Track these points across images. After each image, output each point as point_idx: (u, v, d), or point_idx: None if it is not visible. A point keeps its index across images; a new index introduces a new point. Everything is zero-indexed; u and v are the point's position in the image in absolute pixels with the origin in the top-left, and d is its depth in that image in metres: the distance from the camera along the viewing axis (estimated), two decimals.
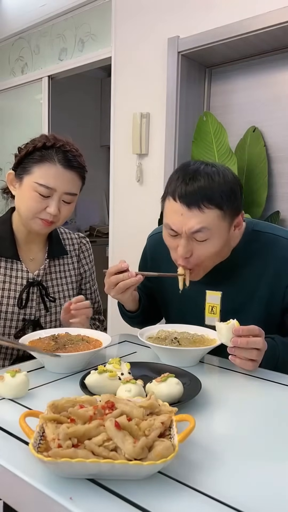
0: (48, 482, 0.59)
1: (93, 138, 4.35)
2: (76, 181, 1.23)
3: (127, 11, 2.67)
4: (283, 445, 0.72)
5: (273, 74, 2.35)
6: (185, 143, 2.50)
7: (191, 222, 1.04)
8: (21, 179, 1.22)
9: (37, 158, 1.19)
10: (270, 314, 1.17)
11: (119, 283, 1.14)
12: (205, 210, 1.04)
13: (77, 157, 1.23)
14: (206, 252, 1.08)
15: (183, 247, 1.07)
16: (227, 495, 0.58)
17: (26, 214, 1.21)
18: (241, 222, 1.13)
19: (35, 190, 1.18)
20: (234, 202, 1.07)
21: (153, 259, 1.35)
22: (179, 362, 1.01)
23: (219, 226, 1.06)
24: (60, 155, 1.20)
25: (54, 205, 1.19)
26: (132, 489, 0.58)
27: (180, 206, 1.05)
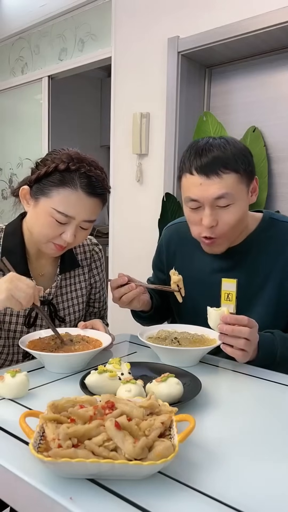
0: (48, 482, 0.59)
1: (93, 138, 4.34)
2: (97, 207, 1.14)
3: (127, 11, 2.67)
4: (283, 445, 0.72)
5: (273, 74, 2.35)
6: (185, 143, 2.50)
7: (212, 189, 1.07)
8: (37, 200, 1.11)
9: (57, 182, 1.08)
10: (281, 303, 1.18)
11: (122, 297, 1.16)
12: (223, 175, 1.07)
13: (102, 182, 1.12)
14: (232, 218, 1.10)
15: (208, 216, 1.09)
16: (227, 495, 0.58)
17: (39, 237, 1.13)
18: (256, 188, 1.17)
19: (52, 216, 1.08)
20: (248, 166, 1.11)
21: (169, 250, 1.37)
22: (179, 362, 1.01)
23: (239, 190, 1.09)
24: (83, 180, 1.08)
25: (70, 233, 1.10)
26: (132, 489, 0.58)
27: (199, 177, 1.08)
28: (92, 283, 1.36)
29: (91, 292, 1.38)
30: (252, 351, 1.01)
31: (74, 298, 1.30)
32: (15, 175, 3.72)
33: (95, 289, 1.38)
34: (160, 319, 1.38)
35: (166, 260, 1.38)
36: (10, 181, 3.79)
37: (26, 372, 0.88)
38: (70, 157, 1.09)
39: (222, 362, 1.08)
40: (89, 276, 1.35)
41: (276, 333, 1.09)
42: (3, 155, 3.82)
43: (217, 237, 1.13)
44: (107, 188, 1.15)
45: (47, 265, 1.25)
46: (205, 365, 1.07)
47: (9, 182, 3.80)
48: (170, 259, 1.35)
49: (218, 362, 1.09)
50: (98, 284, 1.38)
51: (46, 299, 1.22)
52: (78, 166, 1.08)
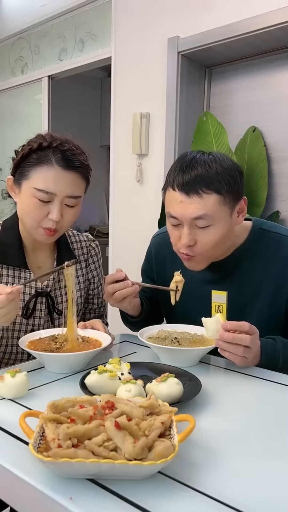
0: (48, 482, 0.59)
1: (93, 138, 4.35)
2: (78, 182, 1.14)
3: (127, 11, 2.67)
4: (283, 445, 0.72)
5: (273, 74, 2.35)
6: (185, 143, 2.50)
7: (192, 208, 1.05)
8: (19, 184, 1.13)
9: (33, 162, 1.10)
10: (274, 313, 1.17)
11: (116, 292, 1.14)
12: (203, 195, 1.04)
13: (78, 156, 1.13)
14: (210, 239, 1.08)
15: (186, 235, 1.08)
16: (227, 495, 0.58)
17: (29, 224, 1.14)
18: (244, 209, 1.14)
19: (34, 196, 1.09)
20: (234, 186, 1.07)
21: (158, 259, 1.35)
22: (179, 362, 1.01)
23: (220, 211, 1.06)
24: (58, 155, 1.10)
25: (56, 211, 1.10)
26: (132, 489, 0.58)
27: (179, 194, 1.06)
28: (90, 278, 1.37)
29: (89, 287, 1.38)
30: (252, 357, 1.00)
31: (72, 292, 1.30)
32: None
33: (93, 285, 1.38)
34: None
35: (156, 269, 1.36)
36: None
37: (26, 372, 0.88)
38: (42, 137, 1.13)
39: (222, 362, 1.08)
40: (87, 271, 1.36)
41: (278, 339, 1.08)
42: (3, 155, 3.81)
43: (195, 255, 1.11)
44: (85, 163, 1.15)
45: (44, 258, 1.26)
46: (205, 365, 1.07)
47: None
48: (160, 268, 1.34)
49: (218, 362, 1.09)
50: (96, 279, 1.39)
51: (44, 291, 1.23)
52: (50, 142, 1.10)
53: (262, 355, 1.02)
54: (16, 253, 1.19)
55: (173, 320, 1.31)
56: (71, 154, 1.12)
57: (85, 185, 1.17)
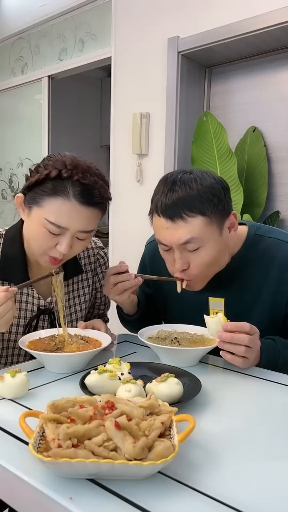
0: (48, 482, 0.59)
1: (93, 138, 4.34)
2: (94, 217, 1.05)
3: (127, 11, 2.67)
4: (283, 445, 0.72)
5: (273, 74, 2.35)
6: (185, 143, 2.50)
7: (178, 234, 1.04)
8: (29, 208, 1.05)
9: (49, 191, 1.00)
10: (274, 319, 1.16)
11: (118, 284, 1.13)
12: (188, 219, 1.03)
13: (99, 189, 1.03)
14: (202, 261, 1.07)
15: (178, 259, 1.07)
16: (227, 495, 0.58)
17: (35, 249, 1.08)
18: (235, 223, 1.12)
19: (45, 226, 1.01)
20: (218, 205, 1.05)
21: (153, 266, 1.34)
22: (179, 362, 1.01)
23: (208, 232, 1.05)
24: (77, 189, 1.00)
25: (65, 244, 1.02)
26: (132, 489, 0.58)
27: (164, 221, 1.05)
28: (97, 287, 1.32)
29: (96, 296, 1.35)
30: (254, 358, 1.00)
31: (76, 305, 1.26)
32: (15, 175, 3.72)
33: (100, 293, 1.34)
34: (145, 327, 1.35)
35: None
36: (10, 181, 3.79)
37: (26, 372, 0.88)
38: (63, 164, 1.01)
39: (222, 362, 1.08)
40: (94, 281, 1.31)
41: (278, 340, 1.08)
42: (3, 155, 3.81)
43: (191, 279, 1.11)
44: (106, 196, 1.06)
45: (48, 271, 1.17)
46: (205, 365, 1.07)
47: (9, 182, 3.80)
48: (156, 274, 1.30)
49: (218, 362, 1.09)
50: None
51: (47, 308, 1.18)
52: (71, 173, 1.00)
53: (262, 355, 1.02)
54: (18, 269, 1.12)
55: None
56: (92, 187, 1.02)
57: (101, 217, 1.10)
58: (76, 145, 3.92)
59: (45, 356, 0.98)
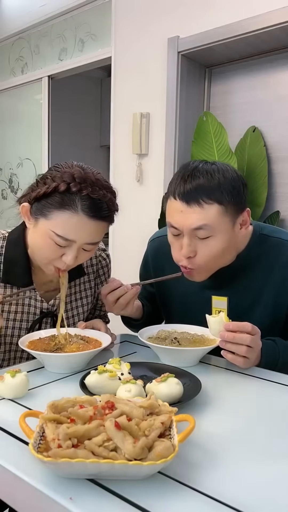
0: (48, 482, 0.59)
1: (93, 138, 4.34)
2: (102, 229, 1.06)
3: (127, 11, 2.67)
4: (283, 445, 0.72)
5: (273, 74, 2.35)
6: (185, 143, 2.50)
7: (192, 219, 1.03)
8: (36, 219, 1.04)
9: (56, 204, 1.00)
10: (276, 319, 1.16)
11: (119, 299, 1.13)
12: (204, 205, 1.02)
13: (107, 202, 1.03)
14: (210, 251, 1.06)
15: (186, 246, 1.06)
16: (227, 495, 0.58)
17: (39, 258, 1.08)
18: (248, 221, 1.11)
19: (51, 238, 1.01)
20: (236, 198, 1.05)
21: (156, 263, 1.33)
22: (179, 362, 1.01)
23: (221, 222, 1.04)
24: (85, 203, 1.00)
25: (71, 256, 1.03)
26: (132, 489, 0.58)
27: (180, 204, 1.04)
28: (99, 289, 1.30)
29: (98, 297, 1.34)
30: (254, 358, 1.00)
31: (79, 307, 1.26)
32: (15, 175, 3.72)
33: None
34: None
35: (154, 274, 1.33)
36: (10, 181, 3.79)
37: (26, 372, 0.88)
38: (71, 177, 1.00)
39: (222, 362, 1.08)
40: (96, 283, 1.31)
41: (278, 340, 1.08)
42: (3, 155, 3.81)
43: (195, 268, 1.09)
44: (113, 208, 1.06)
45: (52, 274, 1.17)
46: (205, 365, 1.07)
47: (9, 182, 3.80)
48: (159, 273, 1.30)
49: (218, 362, 1.09)
50: None
51: (50, 311, 1.18)
52: (80, 187, 0.99)
53: (262, 356, 1.02)
54: (21, 272, 1.12)
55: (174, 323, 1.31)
56: (100, 201, 1.02)
57: (108, 228, 1.10)
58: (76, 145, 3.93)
59: (45, 356, 0.98)
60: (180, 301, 1.28)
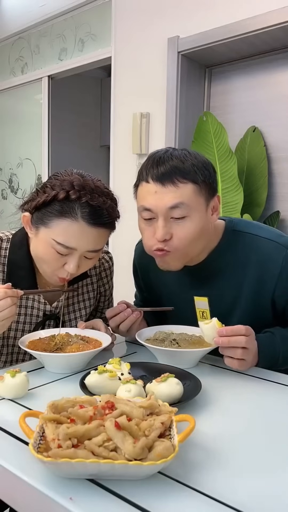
0: (48, 482, 0.59)
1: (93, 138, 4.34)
2: (103, 236, 1.06)
3: (127, 11, 2.67)
4: (282, 445, 0.72)
5: (273, 74, 2.35)
6: (185, 143, 2.50)
7: (167, 197, 1.02)
8: (37, 228, 1.05)
9: (56, 212, 1.00)
10: (258, 314, 1.15)
11: (120, 325, 1.13)
12: (179, 185, 1.01)
13: (108, 209, 1.04)
14: (186, 232, 1.04)
15: (161, 228, 1.03)
16: (227, 495, 0.58)
17: (42, 269, 1.09)
18: (218, 206, 1.11)
19: (53, 247, 1.02)
20: (209, 179, 1.05)
21: (141, 268, 1.33)
22: (179, 364, 1.01)
23: (196, 201, 1.03)
24: (85, 210, 1.00)
25: (73, 265, 1.03)
26: (132, 489, 0.58)
27: (154, 185, 1.03)
28: (101, 291, 1.33)
29: (100, 300, 1.34)
30: (251, 359, 0.99)
31: (81, 309, 1.26)
32: (15, 175, 3.72)
33: (104, 297, 1.35)
34: None
35: (142, 278, 1.34)
36: (10, 181, 3.79)
37: (26, 372, 0.88)
38: (70, 185, 1.01)
39: (222, 362, 1.08)
40: (98, 286, 1.31)
41: (277, 332, 1.07)
42: (3, 155, 3.81)
43: (171, 250, 1.05)
44: (114, 215, 1.07)
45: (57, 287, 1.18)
46: (205, 365, 1.07)
47: (9, 182, 3.80)
48: (145, 276, 1.32)
49: (218, 362, 1.09)
50: (108, 292, 1.35)
51: (53, 314, 1.19)
52: (79, 194, 0.99)
53: (260, 355, 1.02)
54: (25, 275, 1.12)
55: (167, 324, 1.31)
56: (100, 208, 1.02)
57: (109, 234, 1.10)
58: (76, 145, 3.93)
59: (45, 356, 0.98)
60: (168, 303, 1.26)
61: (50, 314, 1.18)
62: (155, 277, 1.26)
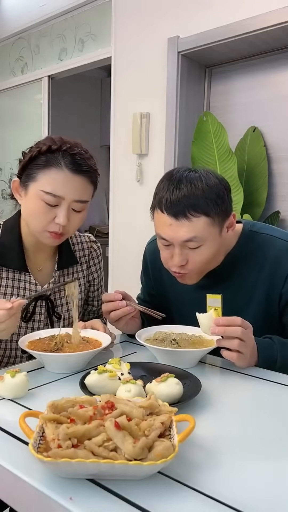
0: (48, 482, 0.59)
1: (93, 138, 4.35)
2: (86, 187, 1.12)
3: (127, 11, 2.67)
4: (282, 445, 0.72)
5: (273, 74, 2.35)
6: (185, 143, 2.50)
7: (181, 232, 1.05)
8: (26, 187, 1.11)
9: (42, 164, 1.08)
10: (269, 315, 1.17)
11: (111, 312, 1.15)
12: (192, 218, 1.04)
13: (87, 160, 1.11)
14: (201, 258, 1.09)
15: (178, 255, 1.08)
16: (227, 495, 0.58)
17: (34, 227, 1.13)
18: (233, 223, 1.14)
19: (41, 198, 1.07)
20: (222, 206, 1.07)
21: (154, 266, 1.34)
22: (179, 364, 1.01)
23: (210, 233, 1.07)
24: (67, 159, 1.08)
25: (63, 215, 1.08)
26: (132, 489, 0.58)
27: (168, 217, 1.06)
28: (90, 280, 1.36)
29: (90, 289, 1.38)
30: (249, 354, 1.00)
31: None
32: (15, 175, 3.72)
33: (93, 287, 1.37)
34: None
35: (153, 276, 1.36)
36: (10, 181, 3.80)
37: (25, 372, 0.88)
38: (52, 139, 1.11)
39: (222, 362, 1.08)
40: (87, 273, 1.35)
41: (275, 338, 1.08)
42: (3, 155, 3.82)
43: (187, 273, 1.12)
44: (93, 167, 1.13)
45: (45, 260, 1.25)
46: (205, 365, 1.07)
47: (9, 182, 3.81)
48: (157, 275, 1.33)
49: (217, 362, 1.09)
50: (97, 281, 1.38)
51: (44, 294, 1.22)
52: (59, 145, 1.08)
53: (259, 355, 1.02)
54: (16, 256, 1.18)
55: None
56: (80, 158, 1.10)
57: (93, 190, 1.16)
58: None
59: (45, 356, 0.98)
60: (177, 302, 1.28)
61: (42, 294, 1.21)
62: (167, 275, 1.28)
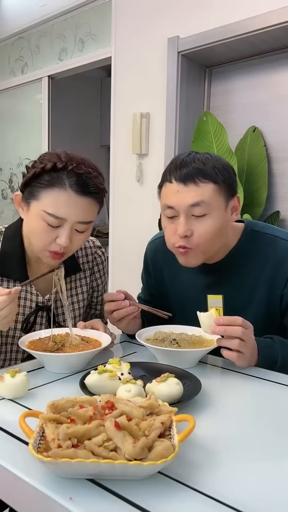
0: (48, 482, 0.59)
1: (93, 138, 4.34)
2: (91, 208, 1.07)
3: (127, 11, 2.67)
4: (282, 445, 0.72)
5: (273, 74, 2.35)
6: (185, 143, 2.50)
7: (189, 196, 1.07)
8: (28, 203, 1.07)
9: (45, 183, 1.03)
10: (270, 314, 1.17)
11: (113, 312, 1.15)
12: (200, 184, 1.07)
13: (94, 179, 1.06)
14: (207, 230, 1.09)
15: (183, 224, 1.08)
16: (227, 495, 0.58)
17: (35, 245, 1.10)
18: (238, 207, 1.16)
19: (43, 219, 1.03)
20: (229, 179, 1.10)
21: (155, 265, 1.35)
22: (179, 364, 1.01)
23: (216, 200, 1.08)
24: (72, 179, 1.03)
25: (65, 236, 1.04)
26: (132, 489, 0.58)
27: (177, 185, 1.08)
28: (94, 286, 1.34)
29: (93, 295, 1.36)
30: (249, 354, 1.00)
31: (74, 303, 1.27)
32: (15, 175, 3.72)
33: (97, 292, 1.36)
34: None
35: (154, 276, 1.35)
36: (10, 181, 3.79)
37: (25, 372, 0.88)
38: (57, 157, 1.05)
39: (222, 362, 1.08)
40: (91, 280, 1.32)
41: (276, 338, 1.08)
42: (3, 155, 3.81)
43: (192, 247, 1.10)
44: (101, 186, 1.08)
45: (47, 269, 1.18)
46: (205, 365, 1.07)
47: (9, 182, 3.80)
48: (158, 274, 1.33)
49: (218, 362, 1.09)
50: (100, 287, 1.36)
51: (45, 305, 1.20)
52: (65, 164, 1.03)
53: (259, 355, 1.02)
54: (17, 265, 1.14)
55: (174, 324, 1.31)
56: (87, 177, 1.05)
57: (98, 209, 1.11)
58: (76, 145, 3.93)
59: (45, 356, 0.98)
60: (178, 302, 1.29)
61: (43, 305, 1.19)
62: (168, 275, 1.28)
